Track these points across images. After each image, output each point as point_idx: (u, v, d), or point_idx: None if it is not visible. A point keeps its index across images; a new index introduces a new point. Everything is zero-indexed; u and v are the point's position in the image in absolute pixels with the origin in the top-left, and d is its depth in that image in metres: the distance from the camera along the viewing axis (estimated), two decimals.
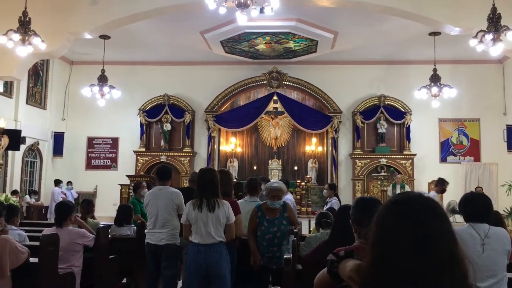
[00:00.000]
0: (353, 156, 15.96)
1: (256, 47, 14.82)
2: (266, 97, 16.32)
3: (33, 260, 3.79)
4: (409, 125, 15.81)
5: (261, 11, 8.51)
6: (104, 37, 13.46)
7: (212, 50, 15.02)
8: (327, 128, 16.20)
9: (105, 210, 13.95)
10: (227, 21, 12.56)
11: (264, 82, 16.19)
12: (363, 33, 13.62)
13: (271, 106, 16.39)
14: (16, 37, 9.38)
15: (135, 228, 5.95)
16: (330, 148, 16.23)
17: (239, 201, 5.25)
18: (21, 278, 3.64)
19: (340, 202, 8.92)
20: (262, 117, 16.56)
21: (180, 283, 5.32)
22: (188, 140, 16.36)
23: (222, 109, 16.55)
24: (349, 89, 16.22)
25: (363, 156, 15.85)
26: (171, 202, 4.99)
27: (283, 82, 16.06)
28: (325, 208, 8.61)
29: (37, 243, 4.31)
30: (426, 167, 15.67)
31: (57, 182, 14.77)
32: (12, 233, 4.17)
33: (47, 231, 4.44)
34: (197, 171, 5.10)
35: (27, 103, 14.97)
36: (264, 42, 14.36)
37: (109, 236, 5.42)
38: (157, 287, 5.18)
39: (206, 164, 16.00)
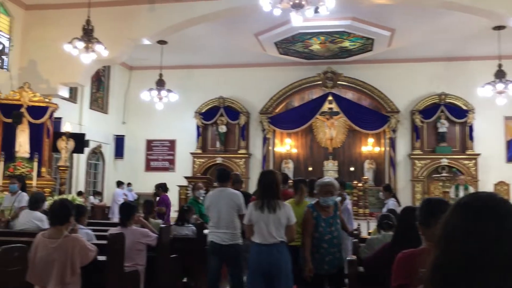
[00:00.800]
0: (412, 156, 15.50)
1: (310, 48, 14.73)
2: (320, 98, 16.19)
3: (101, 258, 3.95)
4: (471, 124, 15.16)
5: (316, 11, 8.45)
6: (162, 42, 13.85)
7: (266, 52, 15.09)
8: (384, 128, 15.84)
9: None
10: (281, 22, 12.57)
11: (318, 82, 16.07)
12: (421, 30, 13.20)
13: (326, 106, 16.24)
14: (81, 45, 9.85)
15: (194, 228, 6.07)
16: (387, 149, 15.86)
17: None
18: (91, 275, 3.81)
19: (399, 203, 8.69)
20: (317, 118, 16.43)
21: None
22: (243, 142, 16.51)
23: (276, 111, 16.58)
24: (407, 87, 15.78)
25: (423, 157, 15.36)
26: (232, 203, 5.07)
27: (338, 82, 15.87)
28: (383, 210, 8.40)
29: (103, 241, 4.50)
30: (491, 168, 14.95)
31: (119, 184, 15.31)
32: (81, 232, 4.38)
33: (113, 230, 4.62)
34: (237, 172, 5.27)
35: (90, 108, 15.69)
36: (318, 42, 14.25)
37: (170, 235, 5.56)
38: (218, 286, 5.30)
39: (261, 165, 16.08)
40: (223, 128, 16.58)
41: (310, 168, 16.44)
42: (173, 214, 13.34)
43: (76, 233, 3.99)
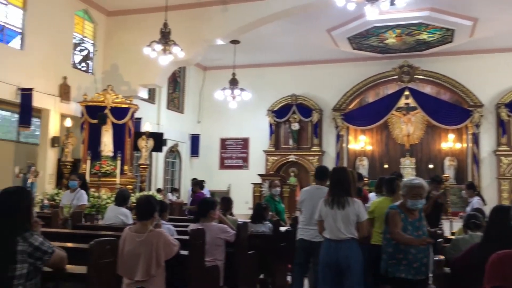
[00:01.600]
0: (497, 152, 14.60)
1: (385, 41, 14.32)
2: (396, 93, 15.68)
3: (183, 252, 4.10)
4: None
5: (392, 3, 8.20)
6: (235, 42, 14.08)
7: (339, 48, 14.87)
8: (466, 123, 15.05)
9: (238, 208, 14.53)
10: (355, 16, 12.33)
11: (394, 77, 15.58)
12: (507, 18, 12.37)
13: (402, 101, 15.70)
14: (159, 47, 10.26)
15: (271, 225, 6.12)
16: (470, 145, 15.05)
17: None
18: (174, 268, 3.97)
19: (484, 201, 8.21)
20: (393, 114, 15.94)
21: None
22: (316, 139, 16.40)
23: (350, 107, 16.30)
24: (491, 80, 14.87)
25: (510, 153, 14.41)
26: None
27: (415, 76, 15.30)
28: (467, 209, 7.99)
29: (183, 237, 4.67)
30: None
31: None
32: (163, 227, 4.56)
33: (193, 226, 4.78)
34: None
35: (167, 108, 16.30)
36: (394, 36, 13.81)
37: (247, 232, 5.64)
38: (303, 280, 5.37)
39: (335, 163, 15.88)
40: (295, 126, 16.57)
41: (386, 166, 15.99)
42: (245, 211, 13.55)
43: (160, 228, 4.17)
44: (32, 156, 12.02)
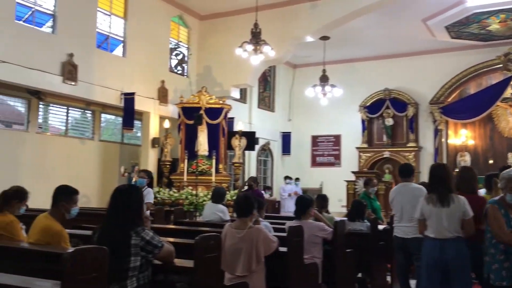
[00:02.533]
0: None
1: (487, 28, 13.36)
2: (502, 83, 14.56)
3: (281, 249, 4.14)
4: None
5: None
6: (324, 38, 13.93)
7: (436, 37, 14.14)
8: None
9: (331, 206, 14.40)
10: (453, 4, 11.67)
11: (499, 65, 14.49)
12: None
13: (508, 92, 14.55)
14: (250, 47, 10.45)
15: (368, 223, 5.99)
16: None
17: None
18: (274, 265, 4.02)
19: None
20: (498, 105, 14.83)
21: None
22: (412, 134, 15.75)
23: (449, 100, 15.43)
24: None
25: None
26: (414, 198, 4.98)
27: None
28: None
29: (281, 233, 4.72)
30: None
31: (287, 179, 15.83)
32: (261, 224, 4.63)
33: (290, 223, 4.81)
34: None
35: (258, 107, 16.57)
36: (497, 21, 12.84)
37: (344, 230, 5.56)
38: (408, 278, 5.24)
39: (433, 159, 15.14)
40: (389, 121, 16.04)
41: (491, 161, 14.93)
42: (339, 209, 13.36)
43: (259, 224, 4.25)
44: (135, 156, 12.83)
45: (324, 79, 14.27)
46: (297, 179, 15.99)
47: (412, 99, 15.73)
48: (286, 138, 17.52)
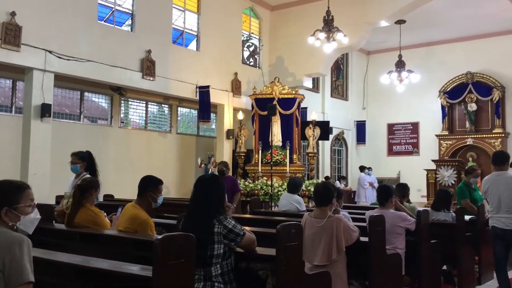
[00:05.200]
0: None
1: None
2: None
3: (363, 239, 4.05)
4: None
5: None
6: (400, 22, 13.44)
7: None
8: None
9: (411, 196, 13.95)
10: None
11: None
12: None
13: None
14: (322, 35, 10.29)
15: (454, 214, 5.71)
16: None
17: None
18: (356, 255, 3.95)
19: None
20: None
21: None
22: (498, 120, 14.81)
23: None
24: None
25: None
26: (511, 187, 4.75)
27: None
28: None
29: (362, 223, 4.62)
30: None
31: (362, 169, 15.47)
32: (340, 213, 4.55)
33: (371, 212, 4.70)
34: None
35: (331, 96, 16.33)
36: None
37: (429, 220, 5.34)
38: (507, 271, 4.97)
39: None
40: (472, 106, 15.17)
41: None
42: (417, 199, 12.86)
43: (338, 214, 4.18)
44: (210, 148, 13.15)
45: (400, 65, 13.78)
46: (369, 169, 15.56)
47: (497, 82, 14.76)
48: (360, 127, 17.16)
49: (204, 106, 11.56)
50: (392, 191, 4.84)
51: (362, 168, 15.15)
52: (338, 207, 4.50)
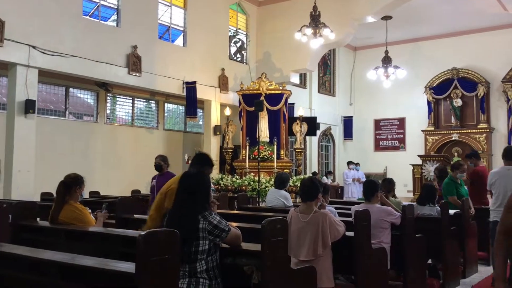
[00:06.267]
0: None
1: None
2: None
3: (348, 234, 4.07)
4: None
5: None
6: (386, 17, 13.49)
7: (508, 11, 13.26)
8: None
9: (397, 191, 14.06)
10: None
11: None
12: None
13: None
14: (309, 31, 10.31)
15: (439, 208, 5.77)
16: None
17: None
18: (341, 250, 3.97)
19: None
20: None
21: None
22: (483, 115, 14.97)
23: None
24: None
25: None
26: None
27: None
28: None
29: (346, 218, 4.64)
30: None
31: (349, 164, 15.55)
32: (326, 209, 4.57)
33: (357, 207, 4.72)
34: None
35: (318, 91, 16.37)
36: None
37: (414, 215, 5.39)
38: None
39: (506, 140, 14.34)
40: (458, 102, 15.32)
41: None
42: (404, 194, 12.98)
43: (324, 209, 4.20)
44: (198, 144, 13.12)
45: (386, 61, 13.86)
46: (357, 164, 15.63)
47: (482, 78, 14.92)
48: (347, 122, 17.24)
49: (191, 102, 11.52)
50: (377, 186, 4.87)
51: (349, 164, 15.24)
52: (325, 202, 4.52)
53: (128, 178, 10.91)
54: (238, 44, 13.67)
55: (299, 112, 12.18)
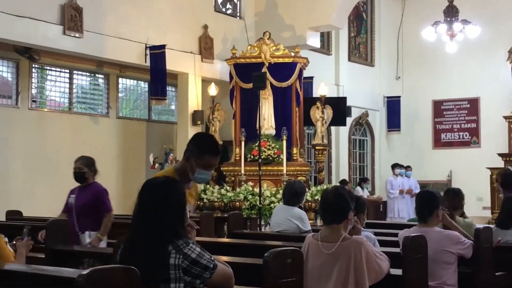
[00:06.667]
0: None
1: None
2: None
3: (393, 271, 4.07)
4: None
5: None
6: None
7: None
8: None
9: (468, 207, 14.04)
10: None
11: None
12: None
13: None
14: None
15: None
16: None
17: None
18: None
19: None
20: None
21: None
22: None
23: None
24: None
25: None
26: None
27: None
28: None
29: (391, 249, 4.63)
30: None
31: (394, 168, 15.48)
32: (362, 234, 4.57)
33: (406, 232, 4.70)
34: None
35: (349, 59, 16.37)
36: None
37: (492, 243, 5.39)
38: None
39: None
40: None
41: None
42: (471, 212, 12.96)
43: (358, 234, 4.19)
44: (169, 138, 13.12)
45: (451, 12, 13.81)
46: (407, 168, 15.55)
47: None
48: (393, 106, 17.24)
49: (158, 76, 11.50)
50: (438, 201, 4.87)
51: (395, 168, 15.23)
52: (359, 224, 4.51)
53: (64, 190, 10.86)
54: None
55: (320, 90, 12.15)
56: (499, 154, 12.87)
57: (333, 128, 14.65)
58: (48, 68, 11.90)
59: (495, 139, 15.90)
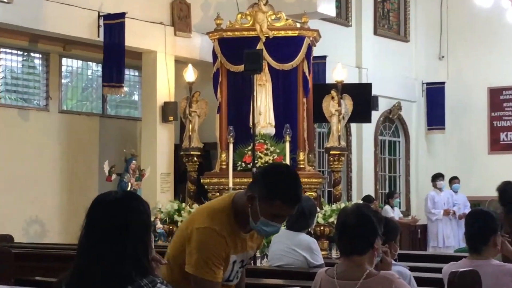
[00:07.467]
0: None
1: None
2: None
3: None
4: None
5: None
6: None
7: None
8: None
9: None
10: None
11: None
12: None
13: None
14: None
15: None
16: None
17: None
18: None
19: None
20: None
21: None
22: None
23: None
24: None
25: None
26: None
27: None
28: None
29: None
30: None
31: (435, 179, 15.43)
32: (393, 269, 4.58)
33: (453, 266, 4.70)
34: None
35: (375, 33, 16.41)
36: None
37: None
38: None
39: None
40: None
41: None
42: None
43: (388, 269, 4.18)
44: (130, 140, 13.12)
45: None
46: (454, 180, 15.53)
47: None
48: (435, 94, 17.31)
49: (114, 55, 11.50)
50: (495, 224, 4.88)
51: (437, 179, 15.20)
52: (389, 256, 4.51)
53: None
54: None
55: (336, 74, 12.16)
56: None
57: (353, 125, 14.73)
58: None
59: None
